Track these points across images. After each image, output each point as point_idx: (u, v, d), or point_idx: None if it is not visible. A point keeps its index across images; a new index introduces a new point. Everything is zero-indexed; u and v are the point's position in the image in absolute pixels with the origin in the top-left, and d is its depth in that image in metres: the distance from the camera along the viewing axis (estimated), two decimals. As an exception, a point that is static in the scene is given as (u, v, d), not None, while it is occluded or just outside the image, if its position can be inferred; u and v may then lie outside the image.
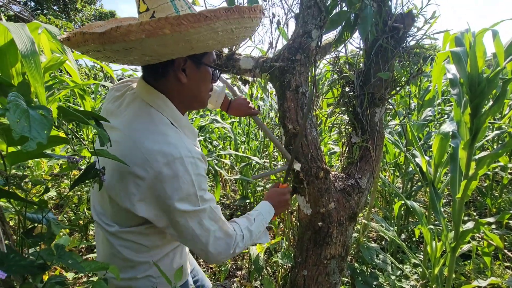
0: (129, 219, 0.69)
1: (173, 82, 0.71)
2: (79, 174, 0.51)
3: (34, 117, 0.32)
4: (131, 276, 0.73)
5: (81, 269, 0.47)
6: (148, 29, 0.51)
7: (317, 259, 1.12)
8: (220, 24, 0.57)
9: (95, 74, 6.74)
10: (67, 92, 1.98)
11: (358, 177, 1.18)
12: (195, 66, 0.71)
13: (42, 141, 0.31)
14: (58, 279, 0.50)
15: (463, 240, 1.33)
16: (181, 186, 0.63)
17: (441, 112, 3.33)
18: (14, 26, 1.12)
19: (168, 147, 0.63)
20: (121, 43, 0.54)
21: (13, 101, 0.31)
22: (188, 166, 0.64)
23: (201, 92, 0.76)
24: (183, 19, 0.52)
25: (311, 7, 1.16)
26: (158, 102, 0.70)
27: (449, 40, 1.47)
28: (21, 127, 0.30)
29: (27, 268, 0.45)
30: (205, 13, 0.54)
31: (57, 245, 0.47)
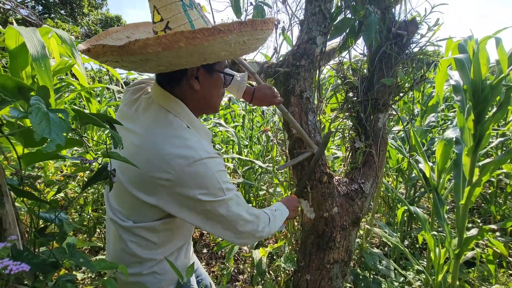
0: (146, 215, 0.72)
1: (187, 88, 0.73)
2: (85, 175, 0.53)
3: (53, 120, 0.34)
4: (137, 272, 0.76)
5: (92, 267, 0.48)
6: (164, 42, 0.54)
7: (320, 264, 1.12)
8: (233, 37, 0.59)
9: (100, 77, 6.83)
10: (74, 95, 2.01)
11: (362, 182, 1.19)
12: (208, 74, 0.74)
13: (61, 143, 0.33)
14: (68, 277, 0.51)
15: (467, 247, 1.33)
16: (206, 184, 0.68)
17: (445, 118, 3.33)
18: (26, 30, 1.15)
19: (188, 150, 0.67)
20: (138, 55, 0.57)
21: (35, 105, 0.33)
22: (208, 166, 0.68)
23: (214, 97, 0.79)
24: (198, 33, 0.54)
25: (315, 14, 1.18)
26: (174, 107, 0.73)
27: (452, 47, 1.48)
28: (42, 129, 0.32)
29: (39, 266, 0.46)
30: (219, 27, 0.55)
31: (68, 244, 0.48)
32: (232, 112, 3.73)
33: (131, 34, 0.85)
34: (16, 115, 0.35)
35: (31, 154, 0.49)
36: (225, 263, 2.11)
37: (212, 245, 2.42)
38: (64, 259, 0.49)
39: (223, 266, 2.08)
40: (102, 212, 1.99)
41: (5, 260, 0.34)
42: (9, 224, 0.43)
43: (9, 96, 0.39)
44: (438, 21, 1.24)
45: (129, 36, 0.84)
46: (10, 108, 0.34)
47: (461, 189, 1.40)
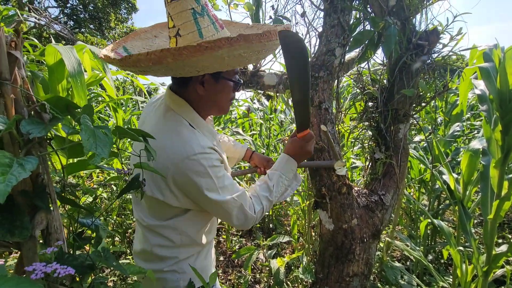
0: (163, 212, 0.78)
1: (192, 92, 0.79)
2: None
3: (99, 136, 0.38)
4: (159, 268, 0.81)
5: (124, 271, 0.51)
6: (153, 58, 0.59)
7: (339, 276, 1.11)
8: (224, 52, 0.59)
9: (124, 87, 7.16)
10: (103, 106, 2.14)
11: (382, 193, 1.17)
12: (214, 80, 0.77)
13: (105, 156, 0.37)
14: (101, 280, 0.55)
15: (496, 264, 1.26)
16: (199, 178, 0.71)
17: (471, 127, 3.19)
18: (64, 48, 1.25)
19: (183, 146, 0.72)
20: (135, 68, 0.63)
21: (85, 123, 0.37)
22: (202, 161, 0.71)
23: (220, 102, 0.83)
24: (183, 50, 0.57)
25: (334, 26, 1.20)
26: (179, 107, 0.79)
27: (477, 56, 1.44)
28: (90, 145, 0.36)
29: (78, 267, 0.50)
30: (205, 44, 0.56)
31: (103, 248, 0.53)
32: (250, 120, 3.78)
33: (159, 33, 0.92)
34: (67, 131, 0.39)
35: (73, 164, 0.54)
36: (243, 271, 2.12)
37: (229, 252, 2.43)
38: (99, 262, 0.53)
39: (240, 275, 2.09)
40: (126, 217, 2.07)
41: (53, 264, 0.38)
42: (54, 229, 0.47)
43: (59, 114, 0.44)
44: (461, 31, 1.22)
45: (157, 35, 0.91)
46: (62, 125, 0.39)
47: (489, 202, 1.34)
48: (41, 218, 0.45)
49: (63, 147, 0.42)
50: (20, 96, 0.42)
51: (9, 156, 0.36)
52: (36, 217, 0.45)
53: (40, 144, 0.43)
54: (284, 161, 0.92)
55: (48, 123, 0.42)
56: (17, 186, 0.43)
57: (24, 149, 0.41)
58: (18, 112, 0.41)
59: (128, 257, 1.82)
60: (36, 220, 0.44)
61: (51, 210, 0.46)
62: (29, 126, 0.39)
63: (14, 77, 0.41)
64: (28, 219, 0.43)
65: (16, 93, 0.42)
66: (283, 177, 0.90)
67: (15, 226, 0.42)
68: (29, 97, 0.43)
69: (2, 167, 0.33)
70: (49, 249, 0.43)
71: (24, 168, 0.35)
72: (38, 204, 0.45)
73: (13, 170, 0.33)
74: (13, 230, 0.41)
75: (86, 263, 0.52)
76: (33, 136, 0.38)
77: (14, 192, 0.44)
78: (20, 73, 0.43)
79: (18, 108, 0.42)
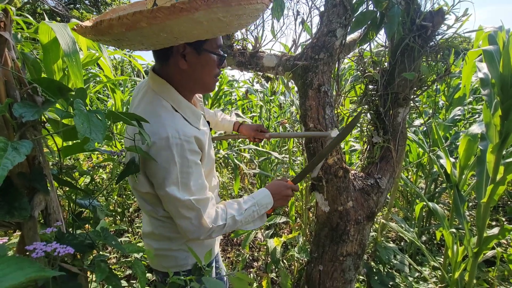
0: (158, 200, 0.77)
1: (174, 67, 0.74)
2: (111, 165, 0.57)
3: (93, 121, 0.38)
4: (167, 247, 0.84)
5: (123, 250, 0.53)
6: (126, 23, 0.53)
7: (333, 256, 1.15)
8: (201, 14, 0.54)
9: (123, 66, 7.03)
10: (101, 86, 2.12)
11: (378, 177, 1.19)
12: (196, 52, 0.73)
13: (99, 141, 0.37)
14: (102, 258, 0.57)
15: (486, 246, 1.30)
16: (164, 165, 0.68)
17: (472, 111, 3.17)
18: (57, 26, 1.22)
19: (157, 127, 0.68)
20: (108, 35, 0.58)
21: (78, 107, 0.37)
22: (172, 147, 0.67)
23: (204, 77, 0.78)
24: (157, 12, 0.52)
25: (336, 6, 1.16)
26: (160, 87, 0.76)
27: (482, 38, 1.40)
28: (84, 130, 0.36)
29: (78, 246, 0.52)
30: (180, 5, 0.52)
31: (102, 227, 0.54)
32: (249, 102, 3.75)
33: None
34: (61, 115, 0.39)
35: (69, 147, 0.55)
36: (241, 250, 2.19)
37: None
38: (99, 241, 0.54)
39: (239, 253, 2.16)
40: (126, 197, 2.11)
41: (53, 243, 0.39)
42: (53, 209, 0.48)
43: (52, 97, 0.44)
44: (467, 11, 1.17)
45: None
46: (55, 108, 0.39)
47: (483, 187, 1.36)
48: (40, 200, 0.46)
49: (57, 131, 0.42)
50: (11, 78, 0.42)
51: (4, 140, 0.36)
52: (34, 198, 0.46)
53: (34, 127, 0.44)
54: (263, 195, 0.90)
55: (41, 106, 0.42)
56: (14, 169, 0.44)
57: (18, 132, 0.41)
58: (10, 95, 0.41)
59: (128, 235, 1.88)
60: (34, 202, 0.46)
61: (49, 192, 0.47)
62: (21, 110, 0.39)
63: (4, 59, 0.41)
64: (26, 200, 0.44)
65: (7, 75, 0.41)
66: (256, 209, 0.86)
67: (14, 207, 0.43)
68: (21, 79, 0.42)
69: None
70: (48, 229, 0.44)
71: (18, 152, 0.35)
72: (36, 186, 0.46)
73: (8, 154, 0.34)
74: (12, 211, 0.42)
75: (86, 242, 0.54)
76: (26, 119, 0.38)
77: (12, 175, 0.45)
78: (10, 55, 0.42)
79: (10, 91, 0.41)
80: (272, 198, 0.90)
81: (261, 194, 0.90)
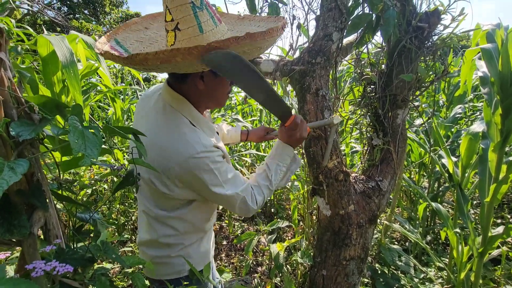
0: (170, 203, 0.82)
1: (192, 87, 0.79)
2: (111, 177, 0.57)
3: (88, 136, 0.38)
4: (166, 254, 0.86)
5: (123, 262, 0.53)
6: (162, 57, 0.58)
7: (336, 260, 1.14)
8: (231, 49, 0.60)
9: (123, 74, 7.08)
10: (101, 96, 2.13)
11: (379, 179, 1.18)
12: (213, 74, 0.78)
13: (94, 157, 0.38)
14: (102, 271, 0.57)
15: (491, 245, 1.29)
16: (204, 175, 0.74)
17: (473, 108, 3.16)
18: (55, 39, 1.23)
19: (186, 146, 0.73)
20: (141, 66, 0.62)
21: (72, 124, 0.37)
22: (205, 160, 0.74)
23: (218, 96, 0.84)
24: (193, 50, 0.57)
25: (332, 10, 1.16)
26: (178, 104, 0.79)
27: (480, 36, 1.40)
28: (79, 146, 0.36)
29: (79, 260, 0.52)
30: (215, 44, 0.57)
31: (102, 241, 0.54)
32: (249, 106, 3.76)
33: (149, 24, 0.90)
34: (56, 132, 0.40)
35: (68, 162, 0.55)
36: (244, 255, 2.18)
37: (231, 237, 2.50)
38: (99, 255, 0.54)
39: (242, 258, 2.15)
40: (129, 205, 2.11)
41: (53, 262, 0.39)
42: (52, 225, 0.49)
43: (48, 114, 0.44)
44: (463, 11, 1.17)
45: (147, 26, 0.90)
46: (52, 126, 0.39)
47: (486, 186, 1.35)
48: (39, 216, 0.46)
49: (53, 148, 0.43)
50: (8, 97, 0.42)
51: (0, 160, 0.36)
52: (33, 215, 0.46)
53: (32, 145, 0.44)
54: (280, 148, 0.95)
55: (38, 124, 0.42)
56: (13, 186, 0.44)
57: (16, 151, 0.41)
58: (7, 114, 0.41)
59: (131, 245, 1.88)
60: (34, 219, 0.46)
61: (48, 208, 0.47)
62: (18, 128, 0.39)
63: (0, 79, 0.41)
64: (25, 218, 0.44)
65: (4, 95, 0.42)
66: (281, 165, 0.94)
67: (13, 225, 0.43)
68: (18, 98, 0.43)
69: (-6, 171, 0.34)
70: (48, 247, 0.44)
71: (15, 172, 0.35)
72: (35, 203, 0.46)
73: (4, 174, 0.34)
74: (11, 229, 0.43)
75: (86, 256, 0.54)
76: (23, 138, 0.38)
77: (10, 192, 0.45)
78: (6, 75, 0.43)
79: (7, 110, 0.42)
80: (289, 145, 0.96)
81: (278, 150, 0.95)
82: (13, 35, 1.69)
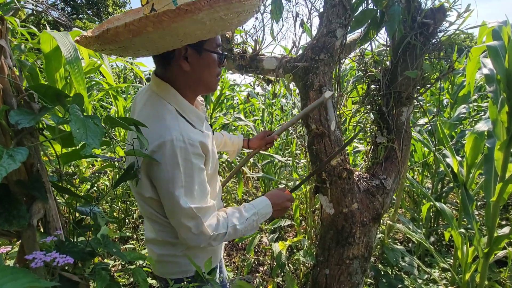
0: (159, 206, 0.77)
1: (177, 70, 0.75)
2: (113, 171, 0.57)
3: (89, 126, 0.37)
4: (171, 253, 0.84)
5: (123, 257, 0.52)
6: (132, 29, 0.55)
7: (340, 259, 1.13)
8: (204, 15, 0.57)
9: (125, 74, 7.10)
10: (103, 93, 2.13)
11: (383, 178, 1.17)
12: (197, 53, 0.74)
13: (96, 147, 0.37)
14: (103, 266, 0.56)
15: (497, 246, 1.26)
16: (168, 168, 0.67)
17: (477, 108, 3.13)
18: (59, 35, 1.23)
19: (163, 130, 0.68)
20: (114, 43, 0.59)
21: (74, 113, 0.36)
22: (176, 150, 0.67)
23: (206, 77, 0.79)
24: (163, 16, 0.54)
25: (335, 6, 1.15)
26: (164, 91, 0.76)
27: (486, 33, 1.38)
28: (80, 135, 0.35)
29: (79, 254, 0.51)
30: (185, 7, 0.53)
31: (103, 235, 0.53)
32: (251, 106, 3.75)
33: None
34: (57, 121, 0.39)
35: (68, 154, 0.54)
36: (246, 254, 2.17)
37: (233, 236, 2.48)
38: (99, 249, 0.54)
39: (244, 257, 2.14)
40: (130, 203, 2.11)
41: (53, 253, 0.39)
42: (52, 217, 0.48)
43: (48, 103, 0.43)
44: (469, 7, 1.16)
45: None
46: (51, 115, 0.39)
47: (492, 185, 1.33)
48: (38, 208, 0.46)
49: (54, 137, 0.42)
50: (8, 85, 0.42)
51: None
52: (33, 206, 0.45)
53: (32, 134, 0.43)
54: (264, 204, 0.88)
55: (38, 113, 0.41)
56: (12, 176, 0.44)
57: (15, 139, 0.41)
58: (7, 102, 0.41)
59: (132, 242, 1.87)
60: (33, 210, 0.45)
61: (47, 199, 0.46)
62: (17, 117, 0.38)
63: (0, 66, 0.41)
64: (25, 209, 0.43)
65: (4, 82, 0.41)
66: (256, 218, 0.85)
67: (12, 216, 0.42)
68: (17, 86, 0.42)
69: (-7, 158, 0.33)
70: (48, 238, 0.43)
71: (14, 159, 0.34)
72: (35, 194, 0.45)
73: (3, 161, 0.33)
74: (10, 219, 0.42)
75: (86, 249, 0.53)
76: (22, 126, 0.37)
77: (10, 182, 0.44)
78: (7, 62, 0.42)
79: (7, 98, 0.41)
80: (271, 208, 0.89)
81: (262, 203, 0.88)
82: (17, 34, 1.70)
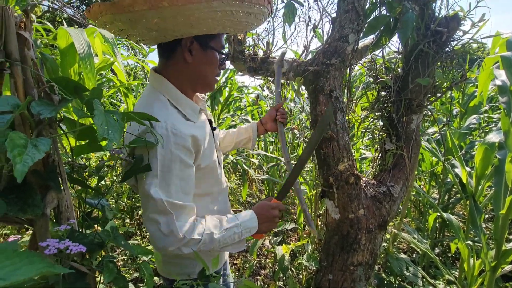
0: None
1: (179, 61, 0.76)
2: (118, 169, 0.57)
3: (109, 121, 0.38)
4: (178, 254, 0.81)
5: (132, 250, 0.53)
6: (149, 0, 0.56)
7: (344, 265, 1.12)
8: (218, 4, 0.59)
9: (135, 72, 7.20)
10: (114, 90, 2.16)
11: (391, 185, 1.16)
12: (202, 49, 0.76)
13: (116, 142, 0.38)
14: (110, 258, 0.57)
15: (505, 259, 1.24)
16: (147, 154, 0.65)
17: (488, 119, 3.08)
18: (74, 31, 1.25)
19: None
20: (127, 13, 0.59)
21: (98, 108, 0.37)
22: (157, 136, 0.64)
23: (206, 75, 0.81)
24: None
25: (348, 11, 1.15)
26: (158, 83, 0.78)
27: (500, 44, 1.37)
28: (103, 130, 0.36)
29: (88, 245, 0.52)
30: None
31: (112, 227, 0.54)
32: (259, 108, 3.76)
33: None
34: (79, 115, 0.40)
35: (81, 146, 0.55)
36: (248, 256, 2.17)
37: (235, 238, 2.48)
38: (108, 241, 0.54)
39: (246, 259, 2.14)
40: (136, 200, 2.12)
41: (66, 241, 0.39)
42: (65, 208, 0.49)
43: (68, 95, 0.44)
44: (484, 17, 1.15)
45: None
46: (73, 108, 0.40)
47: (502, 197, 1.30)
48: (52, 197, 0.46)
49: (74, 130, 0.43)
50: (30, 77, 0.43)
51: (24, 137, 0.36)
52: (47, 196, 0.46)
53: (50, 126, 0.44)
54: (248, 218, 0.82)
55: (58, 104, 0.42)
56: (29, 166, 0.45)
57: (35, 130, 0.42)
58: (28, 93, 0.42)
59: (137, 238, 1.89)
60: (47, 199, 0.46)
61: (61, 190, 0.47)
62: (39, 107, 0.40)
63: (23, 58, 0.42)
64: (39, 198, 0.44)
65: (26, 74, 0.42)
66: (238, 231, 0.78)
67: (27, 204, 0.43)
68: (39, 78, 0.43)
69: (19, 148, 0.34)
70: (62, 227, 0.44)
71: (38, 149, 0.35)
72: (50, 184, 0.46)
73: (28, 151, 0.34)
74: (25, 208, 0.43)
75: (95, 241, 0.54)
76: (44, 117, 0.38)
77: (27, 172, 0.45)
78: (29, 54, 0.43)
79: (28, 89, 0.42)
80: (257, 221, 0.82)
81: (246, 216, 0.82)
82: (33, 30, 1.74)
